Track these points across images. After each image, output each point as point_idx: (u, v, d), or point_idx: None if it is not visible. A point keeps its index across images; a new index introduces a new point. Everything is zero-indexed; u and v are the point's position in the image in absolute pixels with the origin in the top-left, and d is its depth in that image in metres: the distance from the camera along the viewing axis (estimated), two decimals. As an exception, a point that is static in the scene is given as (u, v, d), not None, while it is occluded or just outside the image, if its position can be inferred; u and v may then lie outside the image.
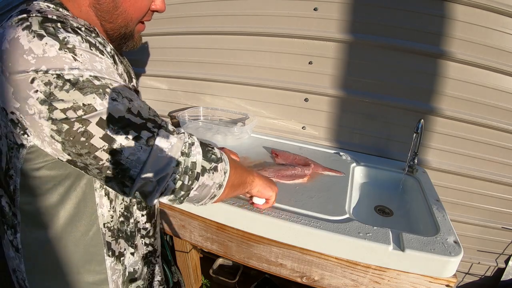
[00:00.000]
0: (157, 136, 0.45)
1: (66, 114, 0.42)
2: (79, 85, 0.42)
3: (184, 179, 0.47)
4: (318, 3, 1.11)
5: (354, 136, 1.23)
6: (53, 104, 0.42)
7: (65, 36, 0.43)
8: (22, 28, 0.42)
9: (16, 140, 0.45)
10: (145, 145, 0.44)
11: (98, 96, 0.43)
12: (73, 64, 0.42)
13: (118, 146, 0.43)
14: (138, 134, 0.44)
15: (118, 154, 0.44)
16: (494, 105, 1.05)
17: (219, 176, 0.53)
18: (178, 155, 0.46)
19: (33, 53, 0.41)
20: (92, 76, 0.43)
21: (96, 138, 0.43)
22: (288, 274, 0.83)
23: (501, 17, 0.96)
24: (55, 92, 0.42)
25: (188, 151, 0.48)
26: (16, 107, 0.43)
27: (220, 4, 1.24)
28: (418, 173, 1.06)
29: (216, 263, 1.48)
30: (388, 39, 1.07)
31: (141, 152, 0.44)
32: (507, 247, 1.22)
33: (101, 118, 0.43)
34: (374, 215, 0.94)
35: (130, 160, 0.44)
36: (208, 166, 0.51)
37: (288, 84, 1.24)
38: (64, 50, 0.42)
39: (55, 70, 0.41)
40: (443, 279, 0.69)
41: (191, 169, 0.48)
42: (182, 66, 1.41)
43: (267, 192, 0.72)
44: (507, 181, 1.12)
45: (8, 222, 0.53)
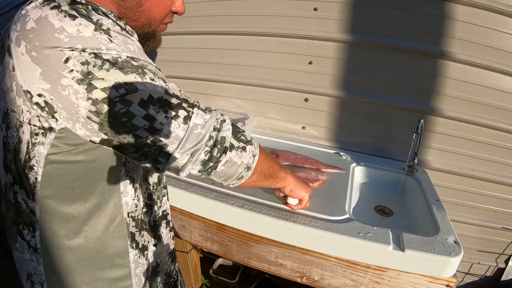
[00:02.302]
0: (192, 115, 0.47)
1: (107, 93, 0.41)
2: (119, 65, 0.41)
3: (213, 151, 0.49)
4: (318, 3, 1.11)
5: (354, 136, 1.23)
6: (92, 83, 0.40)
7: (98, 19, 0.42)
8: (50, 8, 0.41)
9: (43, 125, 0.43)
10: (183, 123, 0.46)
11: (138, 76, 0.43)
12: (109, 45, 0.41)
13: (159, 125, 0.44)
14: (176, 113, 0.46)
15: (158, 132, 0.45)
16: (494, 105, 1.05)
17: (248, 157, 0.55)
18: (211, 130, 0.49)
19: (66, 32, 0.39)
20: (130, 57, 0.43)
21: (138, 118, 0.43)
22: (288, 274, 0.83)
23: (501, 17, 0.96)
24: (94, 71, 0.40)
25: (219, 126, 0.50)
26: (46, 88, 0.40)
27: (220, 4, 1.24)
28: (418, 173, 1.06)
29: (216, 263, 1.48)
30: (388, 39, 1.07)
31: (179, 129, 0.46)
32: (507, 247, 1.22)
33: (142, 99, 0.43)
34: (374, 215, 0.94)
35: (169, 137, 0.45)
36: (236, 144, 0.53)
37: (288, 84, 1.24)
38: (100, 31, 0.41)
39: (93, 49, 0.40)
40: (443, 279, 0.69)
41: (220, 143, 0.50)
42: (182, 66, 1.41)
43: (300, 192, 0.72)
44: (507, 181, 1.12)
45: (24, 220, 0.50)
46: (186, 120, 0.46)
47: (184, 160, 0.48)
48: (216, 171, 0.52)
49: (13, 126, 0.45)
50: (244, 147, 0.54)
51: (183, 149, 0.47)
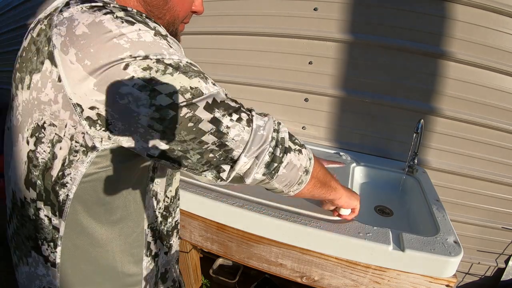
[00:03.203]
0: (253, 117, 0.47)
1: (173, 98, 0.39)
2: (182, 69, 0.41)
3: (276, 151, 0.49)
4: (318, 3, 1.11)
5: (354, 136, 1.23)
6: (156, 88, 0.38)
7: (155, 26, 0.41)
8: (103, 13, 0.38)
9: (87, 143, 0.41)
10: (246, 125, 0.46)
11: (202, 80, 0.42)
12: (170, 50, 0.41)
13: (225, 129, 0.43)
14: (239, 116, 0.45)
15: (224, 136, 0.43)
16: (494, 105, 1.05)
17: (305, 160, 0.54)
18: (271, 131, 0.49)
19: (126, 37, 0.37)
20: (189, 62, 0.42)
21: (204, 122, 0.42)
22: (288, 274, 0.83)
23: (501, 17, 0.96)
24: (157, 77, 0.39)
25: (278, 127, 0.51)
26: (100, 99, 0.38)
27: (221, 4, 1.24)
28: (418, 173, 1.06)
29: (216, 263, 1.48)
30: (388, 39, 1.07)
31: (244, 132, 0.45)
32: (507, 247, 1.22)
33: (207, 102, 0.42)
34: (374, 215, 0.94)
35: (235, 141, 0.44)
36: (293, 146, 0.53)
37: (288, 84, 1.24)
38: (159, 37, 0.40)
39: (155, 55, 0.39)
40: (443, 279, 0.69)
41: (281, 143, 0.50)
42: (182, 66, 1.41)
43: (353, 202, 0.72)
44: (507, 181, 1.12)
45: (45, 236, 0.48)
46: (249, 122, 0.46)
47: (248, 164, 0.47)
48: (278, 174, 0.51)
49: (47, 141, 0.42)
50: (300, 150, 0.54)
51: (249, 152, 0.46)
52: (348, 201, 0.70)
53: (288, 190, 0.56)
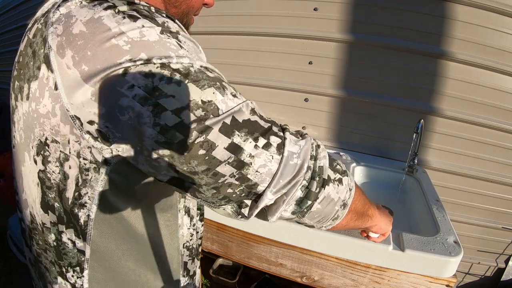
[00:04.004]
0: (285, 141, 0.37)
1: (181, 117, 0.32)
2: (192, 76, 0.32)
3: (311, 185, 0.39)
4: (318, 3, 1.11)
5: (354, 136, 1.23)
6: (159, 103, 0.31)
7: (164, 21, 0.34)
8: (104, 8, 0.32)
9: (96, 157, 0.34)
10: (276, 153, 0.36)
11: (218, 91, 0.34)
12: (179, 51, 0.33)
13: (247, 157, 0.35)
14: (267, 140, 0.36)
15: (246, 167, 0.35)
16: (494, 105, 1.05)
17: (344, 192, 0.44)
18: (308, 159, 0.39)
19: (126, 36, 0.31)
20: (204, 66, 0.34)
21: (219, 149, 0.33)
22: (288, 274, 0.83)
23: (501, 17, 0.96)
24: (162, 86, 0.31)
25: (316, 153, 0.41)
26: (99, 112, 0.32)
27: (221, 4, 1.24)
28: (418, 173, 1.06)
29: (216, 263, 1.48)
30: (388, 39, 1.07)
31: (272, 162, 0.36)
32: (507, 247, 1.22)
33: (224, 123, 0.33)
34: (374, 215, 0.94)
35: (260, 173, 0.36)
36: (333, 175, 0.42)
37: (288, 84, 1.24)
38: (167, 35, 0.33)
39: (160, 58, 0.31)
40: (443, 279, 0.69)
41: (318, 174, 0.40)
42: (182, 66, 1.41)
43: (387, 228, 0.64)
44: (507, 181, 1.12)
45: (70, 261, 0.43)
46: (280, 148, 0.37)
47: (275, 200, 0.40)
48: (311, 211, 0.42)
49: (54, 159, 0.36)
50: (340, 179, 0.44)
51: (276, 186, 0.37)
52: (383, 227, 0.63)
53: (320, 226, 0.47)
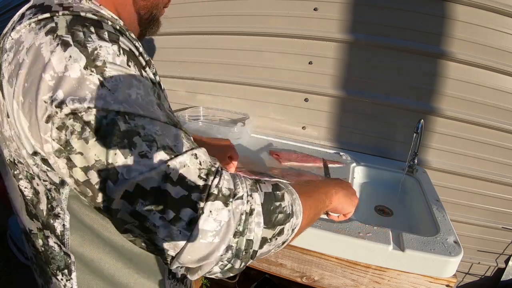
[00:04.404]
0: (201, 216, 0.33)
1: (88, 176, 0.32)
2: (102, 132, 0.31)
3: (234, 263, 0.36)
4: (318, 3, 1.11)
5: (354, 136, 1.23)
6: (71, 158, 0.32)
7: (96, 47, 0.33)
8: (46, 32, 0.32)
9: (53, 179, 0.36)
10: (186, 228, 0.32)
11: (121, 152, 0.31)
12: (98, 92, 0.32)
13: (152, 227, 0.33)
14: (177, 214, 0.32)
15: (152, 233, 0.33)
16: (494, 105, 1.05)
17: (284, 237, 0.41)
18: (229, 238, 0.34)
19: (53, 70, 0.31)
20: (121, 113, 0.32)
21: (123, 213, 0.33)
22: (288, 274, 0.83)
23: (501, 17, 0.96)
24: (72, 141, 0.31)
25: (243, 227, 0.35)
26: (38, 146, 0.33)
27: (220, 4, 1.24)
28: (418, 173, 1.06)
29: (216, 263, 1.48)
30: (388, 39, 1.07)
31: (179, 237, 0.33)
32: (507, 247, 1.22)
33: (126, 191, 0.32)
34: (374, 215, 0.94)
35: (167, 243, 0.33)
36: (270, 234, 0.38)
37: (288, 84, 1.24)
38: (91, 70, 0.32)
39: (73, 102, 0.31)
40: (443, 279, 0.69)
41: (245, 250, 0.36)
42: (182, 66, 1.41)
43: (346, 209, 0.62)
44: (507, 181, 1.12)
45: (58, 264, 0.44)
46: (191, 224, 0.33)
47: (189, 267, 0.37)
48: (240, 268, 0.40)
49: (24, 177, 0.39)
50: (281, 229, 0.39)
51: (184, 261, 0.34)
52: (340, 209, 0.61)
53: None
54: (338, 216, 0.67)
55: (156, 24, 0.53)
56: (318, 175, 0.99)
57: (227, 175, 0.37)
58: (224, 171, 0.38)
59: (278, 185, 0.42)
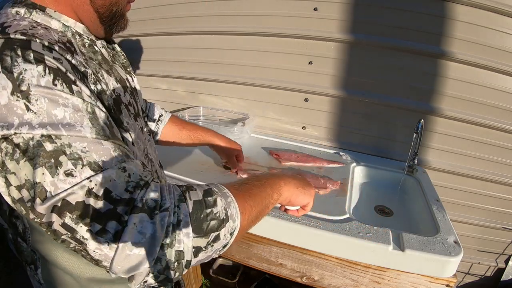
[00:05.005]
0: (125, 228, 0.34)
1: (21, 193, 0.35)
2: (29, 153, 0.34)
3: (168, 274, 0.36)
4: (318, 3, 1.11)
5: (354, 136, 1.23)
6: (7, 177, 0.35)
7: (21, 71, 0.34)
8: None
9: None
10: (112, 240, 0.34)
11: (48, 171, 0.34)
12: (24, 116, 0.34)
13: (82, 238, 0.35)
14: (103, 226, 0.34)
15: (83, 244, 0.35)
16: (494, 105, 1.05)
17: (222, 242, 0.41)
18: (156, 250, 0.35)
19: None
20: (45, 135, 0.34)
21: (56, 225, 0.34)
22: (288, 274, 0.83)
23: (501, 17, 0.96)
24: (7, 162, 0.34)
25: (171, 239, 0.35)
26: None
27: (220, 4, 1.24)
28: (418, 173, 1.06)
29: (216, 263, 1.48)
30: (388, 39, 1.07)
31: (107, 248, 0.34)
32: (507, 247, 1.22)
33: (55, 206, 0.34)
34: (374, 215, 0.94)
35: (98, 253, 0.35)
36: (204, 242, 0.38)
37: (288, 84, 1.24)
38: (17, 95, 0.34)
39: (2, 128, 0.33)
40: (443, 279, 0.69)
41: (176, 260, 0.36)
42: (182, 66, 1.41)
43: (301, 201, 0.59)
44: (507, 181, 1.12)
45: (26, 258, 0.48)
46: (116, 236, 0.34)
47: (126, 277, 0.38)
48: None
49: None
50: (217, 236, 0.39)
51: (115, 270, 0.35)
52: (293, 201, 0.58)
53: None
54: (297, 210, 0.64)
55: (121, 20, 0.52)
56: (317, 175, 0.99)
57: (155, 186, 0.38)
58: (154, 183, 0.39)
59: (211, 190, 0.42)
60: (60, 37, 0.42)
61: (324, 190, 0.91)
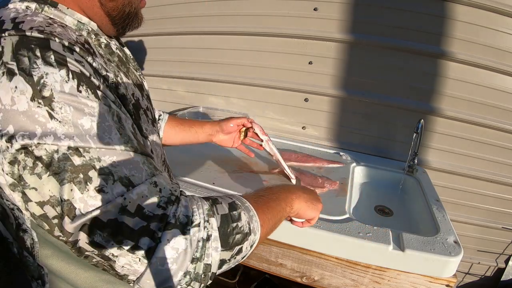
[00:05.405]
0: (159, 244, 0.33)
1: (44, 210, 0.33)
2: (54, 168, 0.31)
3: (194, 285, 0.36)
4: (318, 3, 1.11)
5: (354, 136, 1.23)
6: (26, 193, 0.33)
7: (42, 75, 0.31)
8: None
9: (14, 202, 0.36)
10: (144, 256, 0.33)
11: (77, 187, 0.32)
12: (48, 125, 0.31)
13: (111, 256, 0.33)
14: (135, 243, 0.33)
15: (111, 261, 0.34)
16: (494, 105, 1.05)
17: (243, 254, 0.42)
18: (187, 264, 0.35)
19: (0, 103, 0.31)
20: (73, 148, 0.32)
21: (83, 243, 0.33)
22: (288, 274, 0.83)
23: (501, 17, 0.96)
24: (25, 176, 0.32)
25: (201, 253, 0.36)
26: None
27: (220, 4, 1.24)
28: (418, 173, 1.06)
29: (216, 263, 1.48)
30: (388, 39, 1.07)
31: (138, 264, 0.33)
32: (507, 247, 1.22)
33: (85, 225, 0.32)
34: (374, 215, 0.94)
35: (127, 269, 0.34)
36: (229, 255, 0.39)
37: (288, 84, 1.24)
38: (38, 102, 0.31)
39: (23, 138, 0.30)
40: (443, 279, 0.69)
41: (203, 273, 0.36)
42: (182, 66, 1.41)
43: (309, 214, 0.61)
44: (507, 181, 1.12)
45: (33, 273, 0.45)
46: (149, 253, 0.33)
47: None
48: None
49: None
50: (240, 249, 0.40)
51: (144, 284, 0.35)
52: (302, 214, 0.60)
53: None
54: (302, 222, 0.66)
55: (135, 20, 0.50)
56: (316, 175, 0.99)
57: (185, 201, 0.38)
58: (183, 197, 0.39)
59: (235, 203, 0.42)
60: (77, 37, 0.39)
61: (321, 189, 0.91)
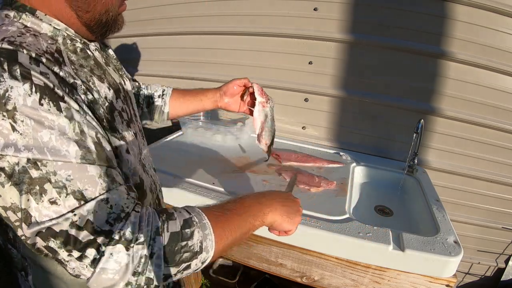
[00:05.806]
0: (103, 257, 0.37)
1: (7, 214, 0.37)
2: (15, 179, 0.35)
3: None
4: (318, 3, 1.11)
5: (354, 136, 1.23)
6: None
7: (7, 88, 0.34)
8: None
9: None
10: (90, 265, 0.37)
11: (33, 198, 0.35)
12: (10, 136, 0.34)
13: (63, 260, 0.37)
14: (82, 253, 0.36)
15: (63, 264, 0.38)
16: (494, 105, 1.05)
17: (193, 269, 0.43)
18: (128, 277, 0.38)
19: None
20: (32, 160, 0.35)
21: (40, 246, 0.37)
22: (288, 274, 0.83)
23: (501, 17, 0.96)
24: None
25: (143, 268, 0.38)
26: None
27: (220, 4, 1.24)
28: (418, 173, 1.06)
29: (216, 263, 1.48)
30: (388, 39, 1.07)
31: (85, 270, 0.37)
32: (507, 247, 1.22)
33: (40, 231, 0.36)
34: (374, 215, 0.94)
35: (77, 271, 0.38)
36: (175, 271, 0.41)
37: (288, 84, 1.24)
38: (2, 114, 0.33)
39: None
40: (443, 279, 0.69)
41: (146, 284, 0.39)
42: (182, 66, 1.41)
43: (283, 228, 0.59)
44: (507, 181, 1.12)
45: (17, 265, 0.48)
46: (94, 262, 0.37)
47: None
48: None
49: None
50: (188, 265, 0.42)
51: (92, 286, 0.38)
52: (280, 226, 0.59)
53: None
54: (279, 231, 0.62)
55: (114, 26, 0.50)
56: (318, 175, 0.99)
57: (135, 217, 0.40)
58: (134, 213, 0.40)
59: (190, 220, 0.43)
60: (48, 45, 0.41)
61: (316, 189, 0.91)
